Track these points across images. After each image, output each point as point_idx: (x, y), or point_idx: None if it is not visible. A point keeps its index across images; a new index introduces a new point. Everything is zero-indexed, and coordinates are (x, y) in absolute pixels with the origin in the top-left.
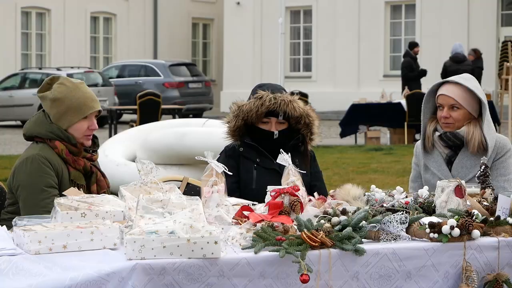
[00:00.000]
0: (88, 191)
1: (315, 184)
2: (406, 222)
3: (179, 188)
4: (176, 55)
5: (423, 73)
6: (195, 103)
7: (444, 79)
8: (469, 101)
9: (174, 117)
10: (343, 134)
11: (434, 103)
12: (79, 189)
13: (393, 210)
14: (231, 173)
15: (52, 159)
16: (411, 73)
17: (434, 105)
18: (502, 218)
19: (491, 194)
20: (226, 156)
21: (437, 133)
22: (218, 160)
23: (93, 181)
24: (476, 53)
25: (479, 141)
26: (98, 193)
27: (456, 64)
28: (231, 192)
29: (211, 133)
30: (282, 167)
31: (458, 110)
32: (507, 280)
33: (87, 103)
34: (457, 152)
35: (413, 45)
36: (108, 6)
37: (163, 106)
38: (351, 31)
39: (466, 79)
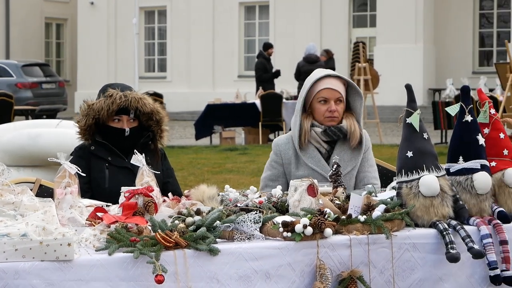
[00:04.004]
0: None
1: (167, 181)
2: (260, 222)
3: (31, 190)
4: (29, 55)
5: (277, 74)
6: (49, 104)
7: (325, 73)
8: (344, 95)
9: (27, 118)
10: (197, 137)
11: (305, 98)
12: None
13: (247, 209)
14: (84, 174)
15: None
16: (265, 74)
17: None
18: (353, 216)
19: (343, 193)
20: (76, 157)
21: (319, 128)
22: (69, 162)
23: None
24: (328, 54)
25: (359, 134)
26: None
27: (309, 65)
28: (83, 192)
29: (65, 134)
30: (134, 166)
31: (340, 103)
32: (361, 277)
33: None
34: (333, 146)
35: (267, 46)
36: None
37: (15, 107)
38: (206, 32)
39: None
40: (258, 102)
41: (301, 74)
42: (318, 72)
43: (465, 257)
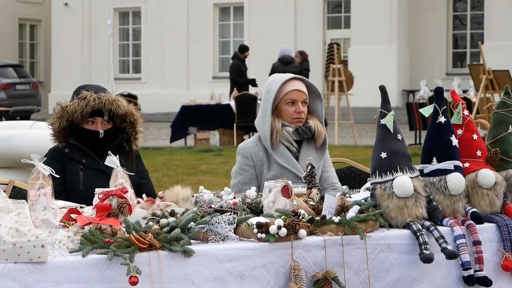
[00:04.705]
0: None
1: (142, 182)
2: (234, 223)
3: (5, 191)
4: (2, 56)
5: (253, 82)
6: (23, 105)
7: (291, 75)
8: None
9: (0, 120)
10: (172, 139)
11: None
12: None
13: (221, 211)
14: (58, 176)
15: None
16: (240, 78)
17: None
18: (328, 217)
19: (317, 194)
20: (50, 159)
21: (290, 128)
22: (43, 163)
23: None
24: (303, 55)
25: (324, 134)
26: None
27: (284, 66)
28: (57, 195)
29: (38, 136)
30: (109, 168)
31: (305, 105)
32: (336, 277)
33: None
34: (300, 146)
35: (243, 49)
36: None
37: None
38: (180, 33)
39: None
40: (232, 103)
41: None
42: (284, 75)
43: (440, 257)
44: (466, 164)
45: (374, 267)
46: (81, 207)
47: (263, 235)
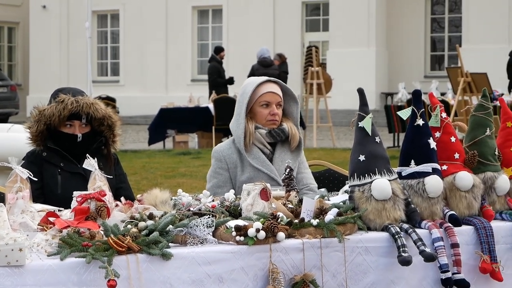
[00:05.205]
0: None
1: (120, 186)
2: (213, 226)
3: None
4: None
5: (231, 81)
6: (0, 108)
7: (265, 78)
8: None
9: None
10: (150, 142)
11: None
12: None
13: (200, 214)
14: (36, 179)
15: None
16: (219, 78)
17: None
18: (306, 220)
19: (295, 196)
20: (28, 162)
21: (263, 130)
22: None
23: None
24: (281, 58)
25: (299, 137)
26: None
27: (264, 68)
28: (35, 198)
29: (16, 139)
30: (87, 171)
31: (280, 108)
32: (314, 280)
33: None
34: (274, 148)
35: (219, 50)
36: None
37: None
38: (159, 36)
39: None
40: (211, 106)
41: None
42: (259, 78)
43: (417, 260)
44: (444, 167)
45: (352, 270)
46: (59, 210)
47: (242, 238)
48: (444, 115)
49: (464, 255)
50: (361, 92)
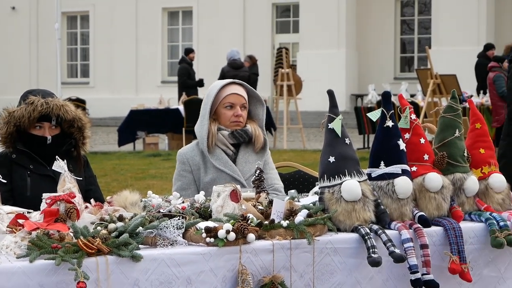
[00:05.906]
0: None
1: (90, 188)
2: (183, 227)
3: None
4: None
5: (201, 83)
6: None
7: (229, 80)
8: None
9: None
10: (120, 143)
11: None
12: None
13: (169, 215)
14: (5, 181)
15: None
16: (189, 80)
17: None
18: (276, 221)
19: (266, 198)
20: None
21: (225, 131)
22: None
23: None
24: (252, 60)
25: (263, 138)
26: None
27: (234, 70)
28: (4, 200)
29: None
30: (57, 173)
31: (245, 110)
32: (282, 282)
33: None
34: (238, 149)
35: (188, 51)
36: None
37: None
38: (129, 37)
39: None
40: (181, 107)
41: (226, 79)
42: (224, 80)
43: (383, 260)
44: (414, 168)
45: (319, 270)
46: (28, 212)
47: (212, 240)
48: (413, 116)
49: (433, 256)
50: (331, 93)
